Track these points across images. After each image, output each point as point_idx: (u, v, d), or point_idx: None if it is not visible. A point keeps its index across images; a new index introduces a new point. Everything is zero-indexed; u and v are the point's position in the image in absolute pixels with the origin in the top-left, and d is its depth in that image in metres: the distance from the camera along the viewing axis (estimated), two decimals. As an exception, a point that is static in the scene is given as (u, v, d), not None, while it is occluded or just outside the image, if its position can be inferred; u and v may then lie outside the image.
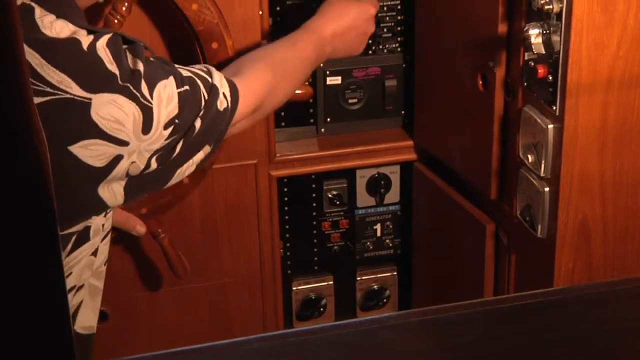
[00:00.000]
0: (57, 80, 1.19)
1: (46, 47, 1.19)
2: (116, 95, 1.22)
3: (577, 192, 1.60)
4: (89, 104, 1.20)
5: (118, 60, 1.24)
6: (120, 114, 1.22)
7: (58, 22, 1.22)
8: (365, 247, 2.20)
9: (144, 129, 1.25)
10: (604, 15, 1.50)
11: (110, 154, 1.23)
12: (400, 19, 2.04)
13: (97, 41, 1.23)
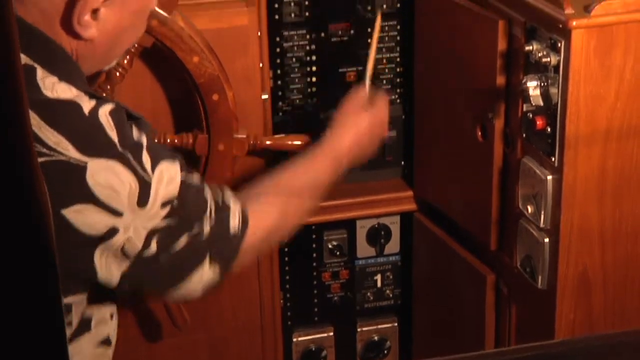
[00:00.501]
0: (54, 142, 1.18)
1: (45, 108, 1.18)
2: (113, 162, 1.21)
3: (577, 242, 1.60)
4: (84, 167, 1.19)
5: (119, 129, 1.23)
6: (115, 182, 1.21)
7: (60, 85, 1.22)
8: (366, 298, 2.19)
9: (139, 201, 1.23)
10: (601, 68, 1.51)
11: (105, 224, 1.20)
12: (399, 70, 2.06)
13: (99, 107, 1.23)
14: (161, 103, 1.89)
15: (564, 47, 1.51)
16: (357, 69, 2.04)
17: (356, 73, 2.04)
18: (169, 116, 1.90)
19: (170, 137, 1.83)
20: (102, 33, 1.28)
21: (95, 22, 1.27)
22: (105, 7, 1.27)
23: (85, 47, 1.29)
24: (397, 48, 2.04)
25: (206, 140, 1.82)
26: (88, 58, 1.30)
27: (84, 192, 1.18)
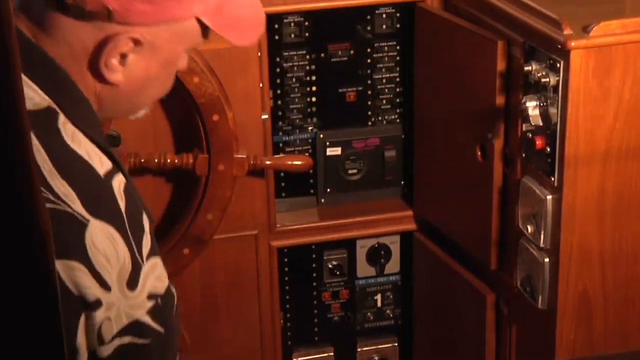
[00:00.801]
0: (63, 192, 1.15)
1: (61, 157, 1.17)
2: (115, 231, 1.18)
3: (577, 262, 1.60)
4: (86, 225, 1.15)
5: (129, 204, 1.21)
6: (111, 251, 1.17)
7: (80, 135, 1.20)
8: (366, 318, 2.19)
9: (129, 282, 1.19)
10: (600, 88, 1.52)
11: (92, 292, 1.16)
12: (399, 90, 2.07)
13: (115, 175, 1.21)
14: (162, 123, 1.89)
15: (562, 67, 1.51)
16: (357, 89, 2.05)
17: (356, 93, 2.05)
18: (170, 136, 1.91)
19: (170, 157, 1.84)
20: (128, 79, 1.26)
21: (122, 67, 1.24)
22: (134, 54, 1.24)
23: (109, 92, 1.27)
24: (396, 68, 2.05)
25: (206, 160, 1.83)
26: (111, 104, 1.28)
27: (79, 249, 1.15)
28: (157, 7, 1.20)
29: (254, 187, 1.94)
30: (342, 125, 2.05)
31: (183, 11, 1.22)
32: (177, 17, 1.22)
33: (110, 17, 1.19)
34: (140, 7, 1.20)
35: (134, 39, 1.21)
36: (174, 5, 1.21)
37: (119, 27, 1.20)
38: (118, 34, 1.20)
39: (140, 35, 1.21)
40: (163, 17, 1.21)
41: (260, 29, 1.32)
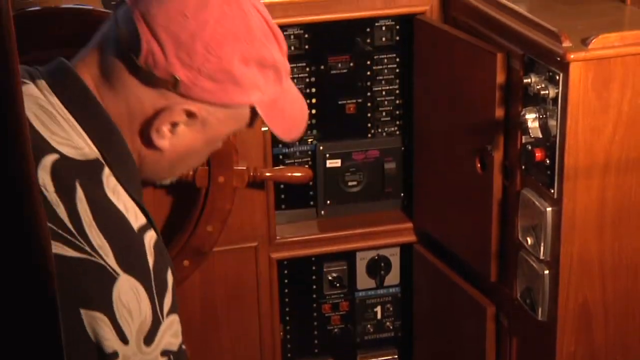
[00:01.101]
0: (98, 245, 1.19)
1: (100, 209, 1.20)
2: (142, 287, 1.21)
3: (577, 274, 1.60)
4: (115, 278, 1.19)
5: (157, 260, 1.24)
6: (135, 307, 1.20)
7: (120, 190, 1.24)
8: (366, 330, 2.18)
9: (146, 338, 1.22)
10: (599, 101, 1.52)
11: (110, 344, 1.19)
12: (399, 102, 2.07)
13: (147, 231, 1.25)
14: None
15: (562, 79, 1.52)
16: (357, 101, 2.05)
17: (355, 105, 2.06)
18: (169, 148, 1.90)
19: (170, 169, 1.84)
20: (173, 147, 1.30)
21: (171, 135, 1.29)
22: (185, 125, 1.28)
23: (152, 156, 1.30)
24: (396, 80, 2.05)
25: (206, 172, 1.83)
26: (149, 166, 1.32)
27: (105, 301, 1.19)
28: (220, 87, 1.25)
29: (253, 199, 1.94)
30: (342, 137, 2.05)
31: (242, 97, 1.27)
32: (235, 102, 1.28)
33: (176, 87, 1.24)
34: (205, 84, 1.24)
35: (189, 112, 1.26)
36: (235, 90, 1.26)
37: (179, 98, 1.25)
38: (177, 104, 1.25)
39: (196, 110, 1.26)
40: (222, 99, 1.26)
41: (303, 128, 1.39)
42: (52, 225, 1.16)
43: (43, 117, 1.22)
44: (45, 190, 1.17)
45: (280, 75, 1.31)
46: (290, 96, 1.35)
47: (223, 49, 1.24)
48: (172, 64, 1.23)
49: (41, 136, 1.21)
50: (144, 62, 1.23)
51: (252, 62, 1.27)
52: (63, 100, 1.24)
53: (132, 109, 1.26)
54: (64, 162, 1.20)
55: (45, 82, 1.25)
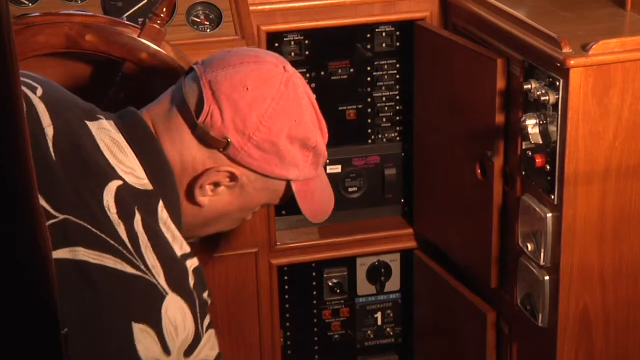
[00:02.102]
0: (152, 265, 1.30)
1: (153, 235, 1.32)
2: (186, 305, 1.32)
3: (577, 281, 1.60)
4: (164, 296, 1.30)
5: (197, 282, 1.35)
6: (180, 324, 1.31)
7: (169, 221, 1.36)
8: (366, 336, 2.18)
9: (187, 351, 1.33)
10: (599, 107, 1.52)
11: (153, 355, 1.29)
12: (399, 108, 2.07)
13: (188, 258, 1.36)
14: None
15: (562, 85, 1.52)
16: (357, 106, 2.05)
17: (356, 111, 2.05)
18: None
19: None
20: (211, 205, 1.42)
21: (212, 193, 1.41)
22: (225, 187, 1.41)
23: (190, 210, 1.42)
24: (396, 86, 2.05)
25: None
26: (186, 220, 1.41)
27: (155, 317, 1.29)
28: (265, 158, 1.39)
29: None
30: (342, 142, 2.05)
31: (282, 171, 1.41)
32: (274, 173, 1.41)
33: (226, 149, 1.37)
34: (252, 151, 1.38)
35: (232, 175, 1.39)
36: (277, 162, 1.40)
37: (226, 161, 1.39)
38: (223, 165, 1.38)
39: (239, 174, 1.39)
40: (264, 169, 1.40)
41: (329, 213, 1.53)
42: (114, 242, 1.28)
43: (112, 147, 1.35)
44: (108, 211, 1.30)
45: (318, 160, 1.45)
46: (321, 183, 1.50)
47: (275, 123, 1.38)
48: (227, 128, 1.36)
49: (109, 163, 1.34)
50: (202, 121, 1.37)
51: (297, 141, 1.40)
52: (127, 138, 1.37)
53: (185, 162, 1.39)
54: (127, 189, 1.33)
55: (113, 122, 1.38)
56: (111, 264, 1.28)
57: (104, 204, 1.30)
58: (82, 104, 1.42)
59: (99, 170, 1.33)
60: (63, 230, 1.27)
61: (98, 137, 1.36)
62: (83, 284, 1.26)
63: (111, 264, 1.28)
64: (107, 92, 1.64)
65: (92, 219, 1.29)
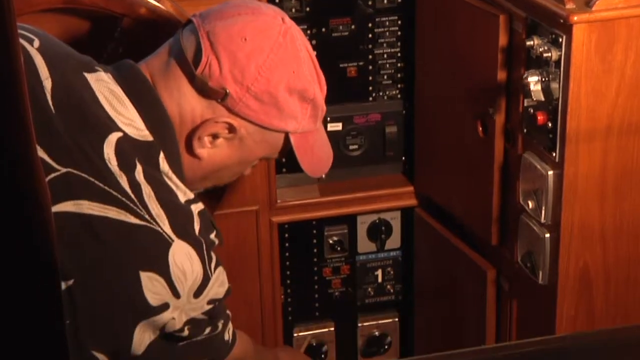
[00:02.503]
0: (156, 214, 1.32)
1: (156, 184, 1.34)
2: (192, 249, 1.34)
3: (578, 239, 1.60)
4: (170, 244, 1.32)
5: (202, 225, 1.37)
6: (188, 268, 1.33)
7: (171, 173, 1.37)
8: (367, 293, 2.19)
9: (196, 292, 1.36)
10: (602, 64, 1.51)
11: (162, 298, 1.32)
12: (400, 65, 2.06)
13: (192, 203, 1.38)
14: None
15: (565, 42, 1.50)
16: (358, 64, 2.04)
17: (357, 68, 2.04)
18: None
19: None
20: (209, 158, 1.43)
21: (210, 145, 1.41)
22: (224, 139, 1.41)
23: (189, 162, 1.42)
24: (398, 43, 2.04)
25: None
26: (185, 173, 1.42)
27: (162, 263, 1.31)
28: (263, 109, 1.39)
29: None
30: (343, 100, 2.04)
31: (280, 123, 1.41)
32: (273, 125, 1.41)
33: (224, 100, 1.38)
34: (251, 102, 1.38)
35: (231, 126, 1.39)
36: (275, 114, 1.40)
37: (225, 113, 1.39)
38: (221, 117, 1.38)
39: (238, 125, 1.39)
40: (263, 120, 1.40)
41: (327, 169, 1.54)
42: (117, 194, 1.29)
43: (111, 99, 1.35)
44: (109, 163, 1.31)
45: (317, 113, 1.44)
46: (320, 137, 1.50)
47: (273, 74, 1.38)
48: (225, 78, 1.37)
49: (108, 115, 1.34)
50: (200, 72, 1.37)
51: (295, 93, 1.40)
52: (125, 90, 1.37)
53: (183, 114, 1.39)
54: (127, 140, 1.33)
55: (111, 74, 1.38)
56: (115, 216, 1.29)
57: (105, 157, 1.31)
58: (79, 56, 1.41)
59: (98, 122, 1.33)
60: (66, 184, 1.28)
61: (96, 89, 1.36)
62: (88, 237, 1.28)
63: (115, 215, 1.29)
64: (106, 47, 1.63)
65: (94, 172, 1.29)
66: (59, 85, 1.33)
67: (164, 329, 1.36)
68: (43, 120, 1.30)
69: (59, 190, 1.27)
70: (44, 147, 1.28)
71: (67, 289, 1.28)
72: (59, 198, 1.27)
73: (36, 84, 1.32)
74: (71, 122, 1.32)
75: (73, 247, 1.27)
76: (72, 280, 1.28)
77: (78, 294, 1.28)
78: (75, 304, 1.29)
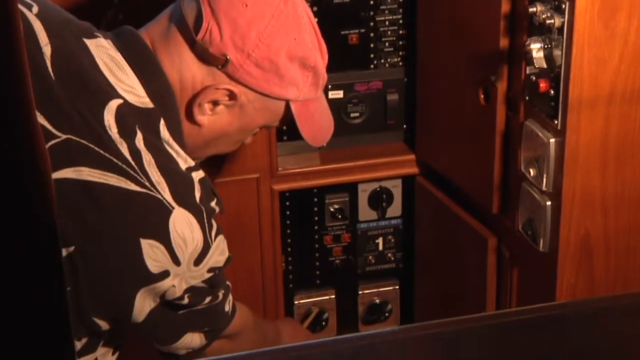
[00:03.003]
0: (156, 181, 1.32)
1: (156, 152, 1.34)
2: (193, 217, 1.34)
3: (579, 206, 1.60)
4: (171, 211, 1.32)
5: (203, 192, 1.38)
6: (188, 235, 1.33)
7: (171, 140, 1.37)
8: (367, 261, 2.19)
9: (196, 260, 1.36)
10: (605, 30, 1.50)
11: (163, 265, 1.32)
12: (402, 33, 2.05)
13: (193, 170, 1.39)
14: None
15: (568, 8, 1.49)
16: (360, 31, 2.03)
17: (358, 35, 2.03)
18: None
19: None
20: (210, 125, 1.42)
21: (210, 112, 1.41)
22: (224, 106, 1.41)
23: (190, 130, 1.42)
24: (399, 10, 2.03)
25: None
26: (186, 141, 1.41)
27: (163, 231, 1.31)
28: (264, 76, 1.38)
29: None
30: (344, 68, 2.03)
31: (281, 90, 1.41)
32: (274, 93, 1.41)
33: (225, 66, 1.37)
34: (252, 69, 1.37)
35: (231, 93, 1.39)
36: (276, 81, 1.39)
37: (225, 79, 1.38)
38: (222, 83, 1.38)
39: (239, 92, 1.39)
40: (263, 88, 1.40)
41: (328, 138, 1.55)
42: (117, 161, 1.29)
43: (111, 65, 1.35)
44: (109, 130, 1.30)
45: (318, 81, 1.44)
46: (321, 106, 1.49)
47: (274, 41, 1.37)
48: (226, 45, 1.36)
49: (108, 82, 1.33)
50: (201, 38, 1.36)
51: (296, 60, 1.39)
52: (126, 57, 1.36)
53: (184, 81, 1.39)
54: (127, 107, 1.33)
55: (110, 41, 1.37)
56: (115, 183, 1.29)
57: (105, 123, 1.31)
58: (78, 22, 1.40)
59: (98, 89, 1.32)
60: (66, 150, 1.28)
61: (97, 55, 1.35)
62: (89, 204, 1.28)
63: (115, 182, 1.29)
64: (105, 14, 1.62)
65: (94, 139, 1.29)
66: (58, 52, 1.32)
67: (165, 297, 1.36)
68: (43, 87, 1.30)
69: (59, 156, 1.27)
70: (44, 114, 1.28)
71: (68, 256, 1.28)
72: (59, 165, 1.27)
73: (35, 51, 1.31)
74: (71, 88, 1.31)
75: (73, 214, 1.27)
76: (72, 247, 1.28)
77: (79, 260, 1.29)
78: (77, 270, 1.29)
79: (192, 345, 1.47)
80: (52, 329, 0.69)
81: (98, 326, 1.35)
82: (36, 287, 0.69)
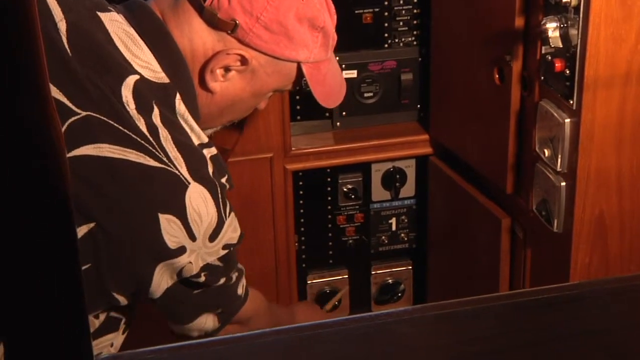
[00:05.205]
0: (174, 156, 1.33)
1: (172, 127, 1.34)
2: (207, 192, 1.35)
3: (594, 187, 1.59)
4: (187, 186, 1.33)
5: (215, 169, 1.39)
6: (203, 210, 1.34)
7: (187, 114, 1.38)
8: (380, 241, 2.19)
9: (211, 236, 1.36)
10: (622, 9, 1.49)
11: (179, 241, 1.33)
12: (417, 12, 2.04)
13: (205, 147, 1.40)
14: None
15: (584, -13, 1.48)
16: (374, 10, 2.02)
17: (372, 15, 2.02)
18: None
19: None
20: (223, 92, 1.43)
21: (223, 79, 1.41)
22: (236, 71, 1.41)
23: (204, 98, 1.42)
24: (414, -11, 2.02)
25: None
26: (201, 111, 1.42)
27: (179, 206, 1.32)
28: (274, 39, 1.38)
29: (269, 110, 1.93)
30: (358, 47, 2.03)
31: (291, 52, 1.40)
32: (284, 55, 1.40)
33: (234, 31, 1.37)
34: (261, 32, 1.37)
35: (243, 58, 1.38)
36: (286, 44, 1.39)
37: (235, 44, 1.38)
38: (232, 49, 1.38)
39: (250, 57, 1.39)
40: (274, 51, 1.39)
41: (341, 99, 1.53)
42: (136, 137, 1.30)
43: (126, 40, 1.35)
44: (127, 106, 1.30)
45: (328, 42, 1.43)
46: (332, 67, 1.48)
47: (282, 3, 1.37)
48: (234, 9, 1.36)
49: (124, 57, 1.34)
50: (209, 4, 1.36)
51: (305, 21, 1.39)
52: (139, 32, 1.36)
53: (195, 48, 1.39)
54: (144, 83, 1.33)
55: (122, 15, 1.38)
56: (135, 158, 1.29)
57: (123, 99, 1.31)
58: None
59: (115, 65, 1.33)
60: (86, 127, 1.28)
61: (111, 30, 1.35)
62: (109, 179, 1.28)
63: (135, 158, 1.29)
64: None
65: (114, 115, 1.29)
66: (73, 27, 1.32)
67: (182, 275, 1.37)
68: (60, 64, 1.30)
69: (79, 133, 1.27)
70: (62, 91, 1.28)
71: (89, 232, 1.29)
72: (80, 141, 1.27)
73: (50, 26, 1.31)
74: (88, 64, 1.31)
75: (94, 190, 1.28)
76: (93, 223, 1.29)
77: (100, 236, 1.29)
78: (98, 246, 1.30)
79: (205, 327, 1.48)
80: (66, 305, 0.69)
81: (117, 301, 1.36)
82: (50, 264, 0.69)
